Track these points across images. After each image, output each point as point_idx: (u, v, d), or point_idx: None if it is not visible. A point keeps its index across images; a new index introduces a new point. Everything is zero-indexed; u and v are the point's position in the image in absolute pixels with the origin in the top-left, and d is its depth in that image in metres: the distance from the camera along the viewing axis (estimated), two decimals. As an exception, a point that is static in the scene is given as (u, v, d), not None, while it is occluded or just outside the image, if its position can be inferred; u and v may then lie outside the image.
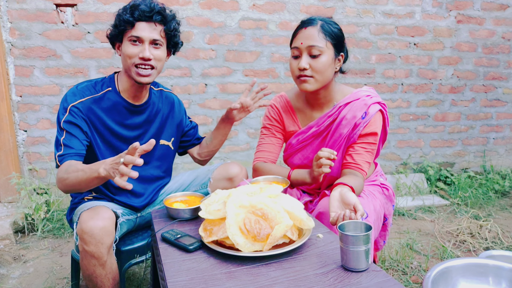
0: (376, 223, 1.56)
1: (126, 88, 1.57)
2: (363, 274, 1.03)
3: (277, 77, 3.23)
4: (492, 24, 3.56)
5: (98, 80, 1.59)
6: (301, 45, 1.51)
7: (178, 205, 1.49)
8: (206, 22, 3.02)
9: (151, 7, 1.47)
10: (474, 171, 3.75)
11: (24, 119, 2.85)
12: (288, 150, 1.75)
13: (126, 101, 1.58)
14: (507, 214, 2.92)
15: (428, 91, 3.57)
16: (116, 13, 1.52)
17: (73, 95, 1.51)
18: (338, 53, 1.55)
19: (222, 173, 1.74)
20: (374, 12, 3.31)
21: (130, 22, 1.46)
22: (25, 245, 2.43)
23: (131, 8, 1.47)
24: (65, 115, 1.48)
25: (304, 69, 1.51)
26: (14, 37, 2.74)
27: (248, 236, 1.11)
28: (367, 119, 1.54)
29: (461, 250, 2.29)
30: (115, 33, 1.52)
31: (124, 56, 1.50)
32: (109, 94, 1.56)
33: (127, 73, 1.54)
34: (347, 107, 1.58)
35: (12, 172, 2.77)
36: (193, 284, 1.00)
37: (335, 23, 1.55)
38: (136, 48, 1.48)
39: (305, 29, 1.52)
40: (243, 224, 1.12)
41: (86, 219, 1.32)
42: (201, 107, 3.14)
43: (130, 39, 1.48)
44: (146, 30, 1.47)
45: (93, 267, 1.35)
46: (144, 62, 1.48)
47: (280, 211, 1.15)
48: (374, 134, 1.56)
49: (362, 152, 1.56)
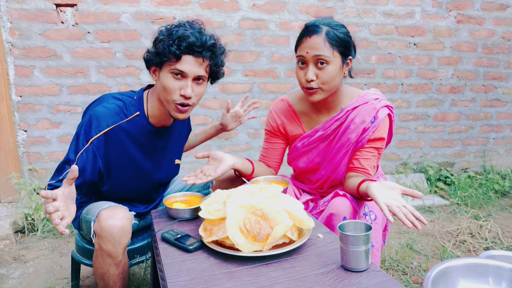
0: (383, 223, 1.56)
1: (156, 114, 1.49)
2: (363, 274, 1.04)
3: (277, 77, 3.23)
4: (492, 24, 3.56)
5: (127, 100, 1.47)
6: (307, 55, 1.45)
7: (178, 205, 1.49)
8: (206, 22, 3.02)
9: (203, 41, 1.35)
10: (474, 171, 3.75)
11: (24, 119, 2.85)
12: (292, 153, 1.72)
13: (153, 126, 1.50)
14: (507, 214, 2.91)
15: (428, 91, 3.57)
16: (158, 34, 1.39)
17: (99, 124, 1.38)
18: (346, 57, 1.50)
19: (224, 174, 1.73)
20: (374, 12, 3.31)
21: (176, 55, 1.33)
22: (25, 245, 2.43)
23: (179, 39, 1.32)
24: (85, 146, 1.36)
25: (311, 81, 1.46)
26: (14, 37, 2.74)
27: (248, 236, 1.11)
28: (376, 123, 1.53)
29: (461, 250, 2.29)
30: (155, 60, 1.39)
31: (163, 87, 1.39)
32: (136, 120, 1.46)
33: (162, 103, 1.44)
34: (355, 111, 1.55)
35: (12, 172, 2.77)
36: (193, 284, 1.00)
37: (341, 26, 1.48)
38: (178, 82, 1.37)
39: (310, 38, 1.45)
40: (243, 224, 1.12)
41: (106, 217, 1.30)
42: (201, 107, 3.14)
43: (172, 71, 1.36)
44: (192, 65, 1.36)
45: (107, 266, 1.35)
46: (185, 101, 1.38)
47: (280, 211, 1.15)
48: (382, 139, 1.56)
49: (369, 157, 1.55)
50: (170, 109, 1.42)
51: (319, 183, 1.70)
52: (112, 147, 1.43)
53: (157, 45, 1.37)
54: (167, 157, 1.64)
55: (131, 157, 1.49)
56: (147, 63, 1.44)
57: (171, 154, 1.66)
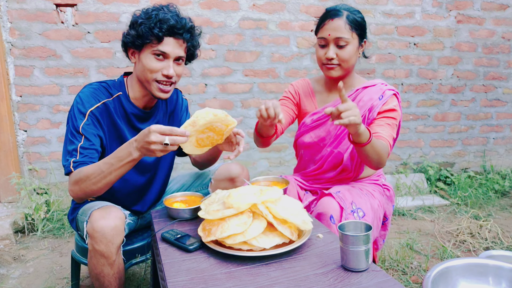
0: (374, 222, 1.56)
1: (138, 97, 1.54)
2: (363, 274, 1.04)
3: (277, 77, 3.23)
4: (492, 24, 3.56)
5: (109, 82, 1.54)
6: (329, 37, 1.57)
7: (178, 205, 1.49)
8: (206, 22, 3.02)
9: (183, 24, 1.43)
10: (474, 171, 3.75)
11: (24, 119, 2.85)
12: (301, 128, 1.78)
13: (137, 108, 1.55)
14: (507, 214, 2.91)
15: (428, 91, 3.57)
16: (136, 18, 1.44)
17: (90, 99, 1.44)
18: (362, 40, 1.63)
19: (223, 173, 1.72)
20: (374, 12, 3.31)
21: (158, 37, 1.39)
22: (25, 245, 2.43)
23: (160, 21, 1.39)
24: (84, 120, 1.41)
25: (331, 59, 1.58)
26: (14, 37, 2.74)
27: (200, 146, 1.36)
28: (384, 99, 1.61)
29: (461, 250, 2.29)
30: (136, 42, 1.43)
31: (144, 68, 1.44)
32: (120, 99, 1.52)
33: (142, 84, 1.49)
34: (364, 91, 1.65)
35: (12, 172, 2.77)
36: (193, 284, 1.01)
37: (358, 11, 1.62)
38: (159, 63, 1.43)
39: (332, 20, 1.57)
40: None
41: (98, 218, 1.30)
42: (201, 107, 3.13)
43: (154, 53, 1.42)
44: (173, 47, 1.43)
45: (101, 266, 1.35)
46: (167, 79, 1.45)
47: (228, 116, 1.32)
48: (393, 110, 1.61)
49: (382, 124, 1.58)
50: (153, 89, 1.46)
51: (321, 162, 1.72)
52: (105, 123, 1.48)
53: (138, 28, 1.41)
54: None
55: (121, 135, 1.53)
56: (126, 46, 1.49)
57: None
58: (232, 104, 3.19)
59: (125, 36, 1.48)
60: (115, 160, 1.30)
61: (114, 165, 1.30)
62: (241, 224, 1.13)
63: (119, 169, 1.31)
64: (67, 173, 1.39)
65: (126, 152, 1.28)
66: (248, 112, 3.23)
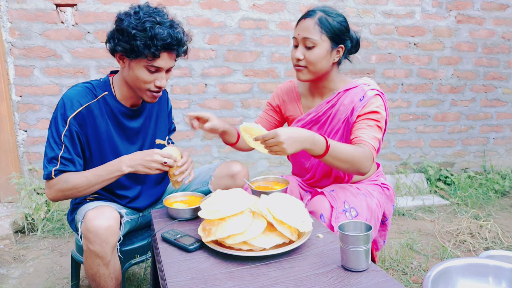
0: (371, 222, 1.56)
1: (125, 96, 1.54)
2: (363, 274, 1.04)
3: (277, 77, 3.23)
4: (492, 24, 3.56)
5: (94, 82, 1.53)
6: (298, 36, 1.56)
7: (178, 205, 1.49)
8: (206, 22, 3.02)
9: (178, 39, 1.41)
10: (474, 171, 3.75)
11: (24, 119, 2.85)
12: None
13: (124, 107, 1.55)
14: (507, 214, 2.91)
15: (428, 91, 3.57)
16: (126, 26, 1.36)
17: (72, 103, 1.44)
18: (337, 45, 1.55)
19: (224, 171, 1.73)
20: (374, 12, 3.31)
21: (155, 55, 1.38)
22: (25, 245, 2.43)
23: (156, 39, 1.35)
24: (65, 127, 1.42)
25: (298, 59, 1.55)
26: (14, 37, 2.74)
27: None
28: (364, 101, 1.52)
29: (461, 250, 2.29)
30: (130, 56, 1.40)
31: (137, 79, 1.44)
32: (106, 99, 1.52)
33: (131, 88, 1.50)
34: (346, 93, 1.59)
35: (12, 172, 2.77)
36: (193, 284, 1.01)
37: (338, 14, 1.56)
38: (152, 75, 1.44)
39: (304, 20, 1.56)
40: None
41: (91, 218, 1.31)
42: (201, 107, 3.14)
43: (148, 68, 1.42)
44: (167, 60, 1.44)
45: (97, 266, 1.35)
46: (159, 89, 1.48)
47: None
48: (375, 112, 1.51)
49: (364, 127, 1.50)
50: (145, 96, 1.50)
51: (312, 171, 1.71)
52: (89, 126, 1.49)
53: (132, 42, 1.36)
54: (149, 136, 1.65)
55: (107, 136, 1.53)
56: (115, 51, 1.44)
57: (153, 133, 1.67)
58: (232, 104, 3.20)
59: (114, 42, 1.41)
60: (105, 172, 1.42)
61: (103, 176, 1.42)
62: (241, 224, 1.13)
63: (107, 180, 1.44)
64: (47, 178, 1.44)
65: (116, 167, 1.42)
66: (248, 112, 3.23)
